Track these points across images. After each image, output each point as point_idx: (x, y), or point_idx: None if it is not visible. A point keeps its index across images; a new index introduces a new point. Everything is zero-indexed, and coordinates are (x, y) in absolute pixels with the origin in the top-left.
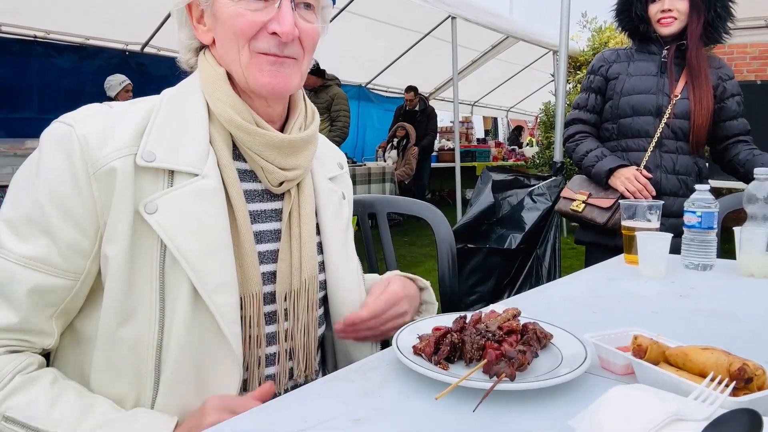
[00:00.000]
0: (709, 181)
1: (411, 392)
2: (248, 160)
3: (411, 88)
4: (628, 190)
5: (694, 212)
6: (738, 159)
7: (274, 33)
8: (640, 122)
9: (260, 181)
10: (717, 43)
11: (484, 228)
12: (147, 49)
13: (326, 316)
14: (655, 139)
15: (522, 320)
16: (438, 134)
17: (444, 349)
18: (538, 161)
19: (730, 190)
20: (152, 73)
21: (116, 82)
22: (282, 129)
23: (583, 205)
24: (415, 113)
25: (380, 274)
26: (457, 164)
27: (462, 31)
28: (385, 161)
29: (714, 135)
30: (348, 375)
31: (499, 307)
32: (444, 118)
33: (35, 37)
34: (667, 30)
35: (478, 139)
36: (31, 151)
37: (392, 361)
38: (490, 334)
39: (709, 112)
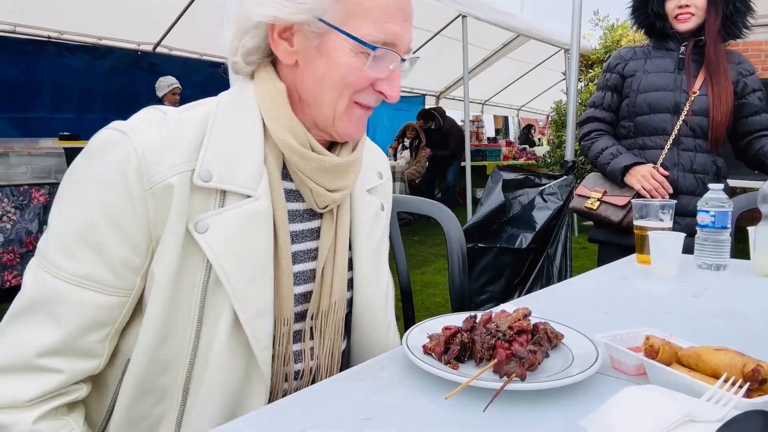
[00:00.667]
0: (727, 180)
1: (421, 391)
2: (296, 181)
3: (408, 125)
4: (644, 188)
5: (707, 212)
6: (764, 152)
7: (381, 92)
8: (657, 120)
9: (304, 201)
10: (736, 39)
11: (494, 227)
12: (159, 49)
13: (346, 329)
14: (672, 137)
15: (533, 320)
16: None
17: (454, 349)
18: (549, 160)
19: (744, 189)
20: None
21: (165, 84)
22: (329, 147)
23: (598, 202)
24: (431, 131)
25: (391, 272)
26: (468, 163)
27: (473, 30)
28: (396, 161)
29: (736, 131)
30: (358, 374)
31: (509, 306)
32: (455, 117)
33: (48, 37)
34: (684, 26)
35: (488, 138)
36: (45, 151)
37: (402, 361)
38: (501, 334)
39: (728, 109)
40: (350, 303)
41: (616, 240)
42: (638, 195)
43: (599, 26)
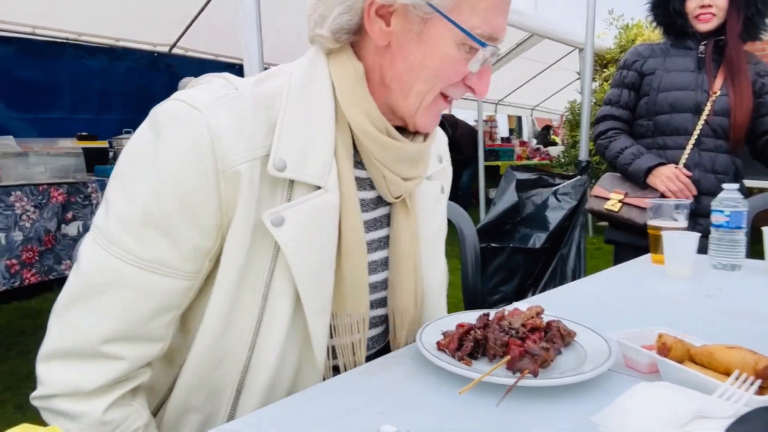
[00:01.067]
0: (743, 180)
1: (434, 387)
2: (369, 168)
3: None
4: (669, 190)
5: (722, 211)
6: None
7: (470, 87)
8: (678, 119)
9: (374, 188)
10: (755, 40)
11: (507, 227)
12: (175, 51)
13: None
14: (694, 137)
15: (545, 318)
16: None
17: (467, 346)
18: (563, 160)
19: (761, 190)
20: (180, 74)
21: (185, 84)
22: (400, 130)
23: (620, 204)
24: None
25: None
26: (481, 163)
27: None
28: None
29: (753, 130)
30: (373, 369)
31: (522, 305)
32: (467, 117)
33: (67, 39)
34: (705, 26)
35: (502, 138)
36: (63, 151)
37: (416, 357)
38: (514, 331)
39: (749, 110)
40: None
41: (636, 241)
42: (662, 197)
43: (614, 25)
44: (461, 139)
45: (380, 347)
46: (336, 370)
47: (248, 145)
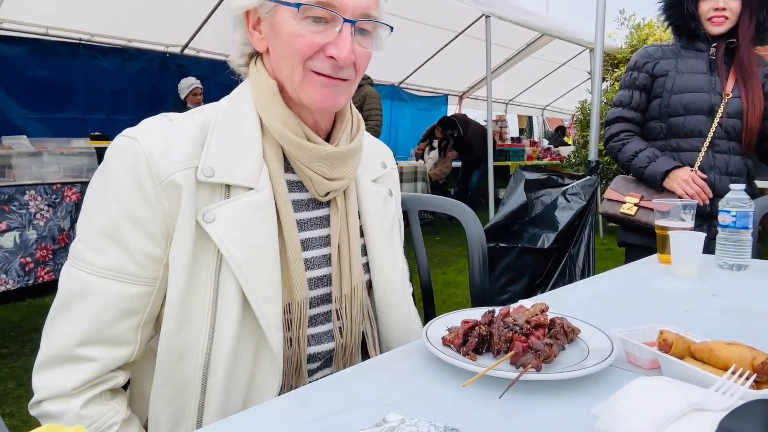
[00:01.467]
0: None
1: (440, 380)
2: (297, 172)
3: (441, 123)
4: (686, 193)
5: (728, 212)
6: None
7: (331, 56)
8: (693, 121)
9: (307, 191)
10: (765, 44)
11: (516, 227)
12: (186, 51)
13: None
14: (708, 139)
15: (550, 315)
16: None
17: (472, 341)
18: (574, 160)
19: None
20: (191, 75)
21: (185, 85)
22: (328, 138)
23: (636, 208)
24: (453, 138)
25: (411, 272)
26: (490, 163)
27: (496, 30)
28: (424, 161)
29: (762, 133)
30: (380, 364)
31: (527, 302)
32: (477, 117)
33: (80, 39)
34: (717, 29)
35: (512, 138)
36: (77, 150)
37: (422, 352)
38: (518, 328)
39: (761, 113)
40: (371, 286)
41: (650, 243)
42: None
43: (625, 25)
44: (472, 139)
45: (332, 346)
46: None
47: (179, 158)
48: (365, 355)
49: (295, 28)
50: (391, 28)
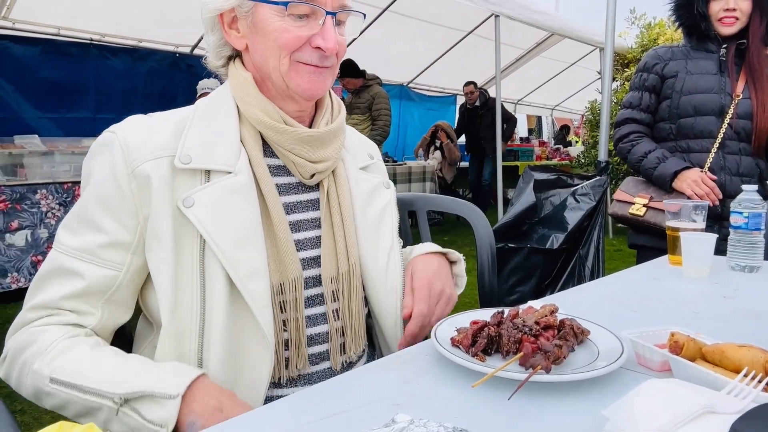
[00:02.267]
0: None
1: (448, 381)
2: (280, 156)
3: (470, 83)
4: (696, 194)
5: (740, 213)
6: None
7: (318, 47)
8: (703, 122)
9: (293, 175)
10: None
11: (525, 228)
12: (196, 51)
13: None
14: (718, 140)
15: (559, 316)
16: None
17: (481, 342)
18: (583, 161)
19: None
20: (201, 74)
21: (200, 87)
22: (311, 125)
23: (645, 209)
24: (476, 109)
25: (402, 242)
26: (499, 163)
27: (506, 29)
28: (426, 161)
29: None
30: (387, 364)
31: (537, 303)
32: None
33: (91, 40)
34: (728, 30)
35: (521, 138)
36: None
37: (430, 352)
38: (527, 329)
39: None
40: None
41: (660, 245)
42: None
43: (636, 25)
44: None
45: (325, 331)
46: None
47: (152, 148)
48: (371, 347)
49: (280, 24)
50: (364, 15)
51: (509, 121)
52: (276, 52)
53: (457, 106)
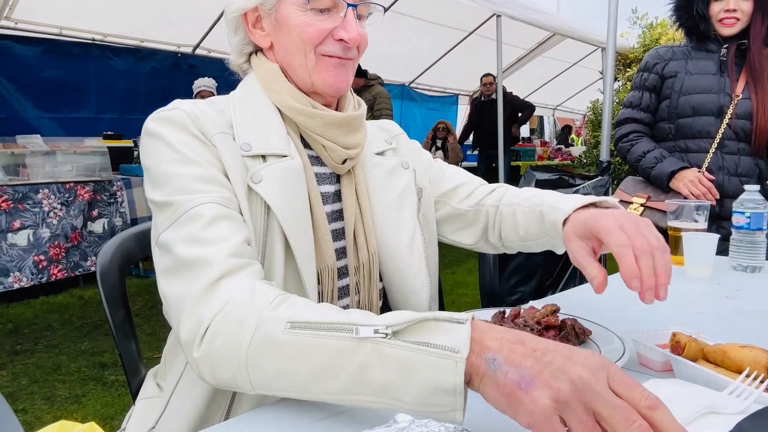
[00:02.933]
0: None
1: None
2: (312, 144)
3: (488, 74)
4: (692, 194)
5: (742, 213)
6: None
7: (341, 39)
8: (701, 122)
9: (325, 165)
10: None
11: None
12: (198, 51)
13: (383, 291)
14: (716, 140)
15: (561, 317)
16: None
17: None
18: (585, 160)
19: None
20: (203, 74)
21: (196, 85)
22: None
23: (642, 208)
24: (493, 101)
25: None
26: (501, 163)
27: (507, 29)
28: None
29: None
30: None
31: (538, 303)
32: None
33: (93, 40)
34: (728, 30)
35: (522, 138)
36: (90, 150)
37: None
38: (528, 329)
39: None
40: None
41: None
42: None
43: (638, 24)
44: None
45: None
46: None
47: (213, 124)
48: None
49: (302, 18)
50: (384, 9)
51: (527, 107)
52: (301, 47)
53: (459, 106)
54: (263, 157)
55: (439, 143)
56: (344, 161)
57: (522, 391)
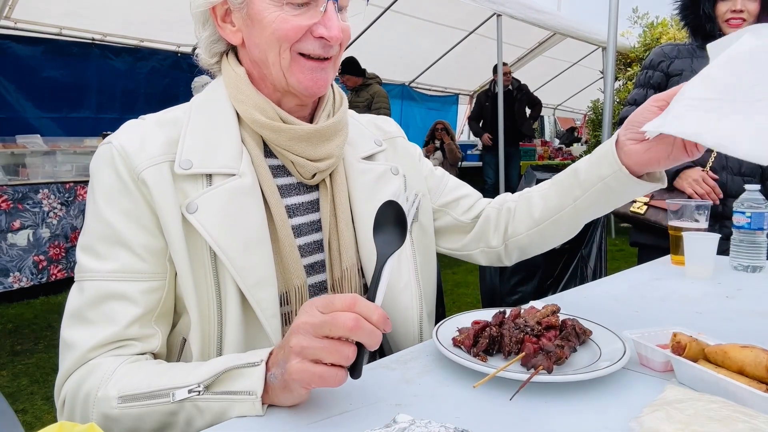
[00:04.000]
0: None
1: (450, 381)
2: (279, 156)
3: (504, 64)
4: (696, 192)
5: (743, 213)
6: None
7: (321, 37)
8: None
9: (292, 175)
10: None
11: None
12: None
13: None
14: None
15: (561, 317)
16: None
17: (483, 342)
18: None
19: None
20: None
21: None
22: (311, 119)
23: (645, 207)
24: (510, 92)
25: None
26: (501, 163)
27: (508, 28)
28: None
29: None
30: (389, 364)
31: (539, 304)
32: None
33: (93, 39)
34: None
35: None
36: (90, 149)
37: (431, 352)
38: (529, 329)
39: None
40: (363, 272)
41: (662, 243)
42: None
43: (638, 24)
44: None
45: None
46: None
47: (148, 155)
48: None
49: (277, 14)
50: (367, 0)
51: (537, 104)
52: (275, 45)
53: (459, 106)
54: (209, 176)
55: (437, 143)
56: (314, 175)
57: (285, 373)
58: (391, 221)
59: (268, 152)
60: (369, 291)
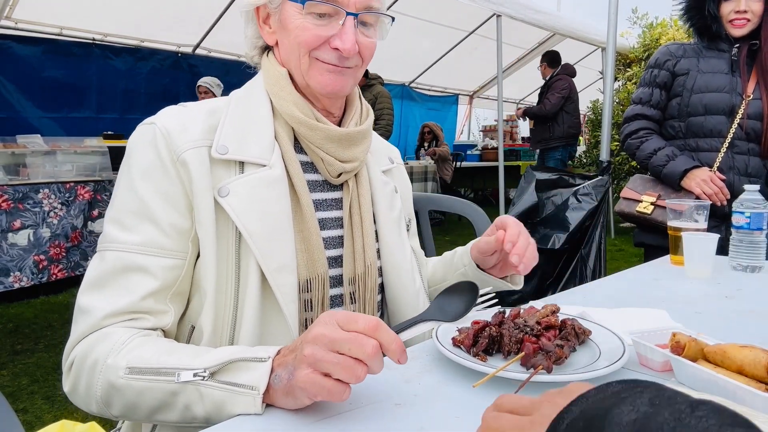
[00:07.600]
0: None
1: (450, 381)
2: (309, 153)
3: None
4: (704, 193)
5: (742, 213)
6: None
7: (336, 48)
8: (713, 122)
9: (319, 172)
10: None
11: (527, 227)
12: (198, 51)
13: (382, 303)
14: (728, 140)
15: (561, 316)
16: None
17: (482, 342)
18: (585, 160)
19: None
20: (203, 74)
21: (206, 84)
22: (339, 124)
23: (652, 207)
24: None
25: (419, 248)
26: (501, 163)
27: (507, 29)
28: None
29: None
30: (389, 364)
31: (538, 303)
32: (488, 116)
33: (93, 40)
34: (739, 32)
35: (522, 138)
36: (90, 149)
37: (432, 352)
38: (529, 329)
39: None
40: (381, 273)
41: (667, 243)
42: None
43: (638, 24)
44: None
45: None
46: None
47: (190, 137)
48: None
49: (300, 22)
50: (393, 19)
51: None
52: (296, 49)
53: (459, 106)
54: (241, 164)
55: (426, 146)
56: (339, 174)
57: (293, 379)
58: (460, 299)
59: (299, 148)
60: (397, 324)
